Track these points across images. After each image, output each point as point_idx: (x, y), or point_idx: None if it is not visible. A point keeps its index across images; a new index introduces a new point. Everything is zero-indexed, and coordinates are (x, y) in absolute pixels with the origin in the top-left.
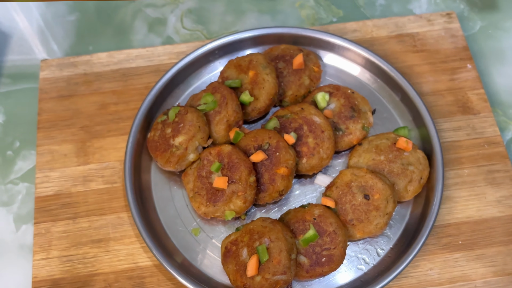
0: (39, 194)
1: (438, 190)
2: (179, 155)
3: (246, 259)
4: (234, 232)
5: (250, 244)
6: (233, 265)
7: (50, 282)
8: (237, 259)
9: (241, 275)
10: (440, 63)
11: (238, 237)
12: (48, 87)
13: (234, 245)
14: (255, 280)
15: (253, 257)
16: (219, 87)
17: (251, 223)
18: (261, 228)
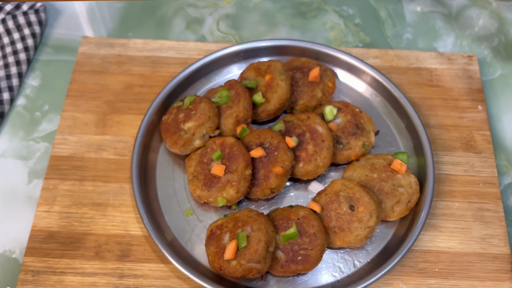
0: (54, 154)
1: (423, 216)
2: (185, 139)
3: (226, 243)
4: (222, 218)
5: (233, 230)
6: (214, 247)
7: (46, 233)
8: (219, 242)
9: (219, 257)
10: (452, 100)
11: (224, 222)
12: (84, 61)
13: (219, 229)
14: (230, 264)
15: (232, 242)
16: (235, 84)
17: (238, 212)
18: (246, 217)
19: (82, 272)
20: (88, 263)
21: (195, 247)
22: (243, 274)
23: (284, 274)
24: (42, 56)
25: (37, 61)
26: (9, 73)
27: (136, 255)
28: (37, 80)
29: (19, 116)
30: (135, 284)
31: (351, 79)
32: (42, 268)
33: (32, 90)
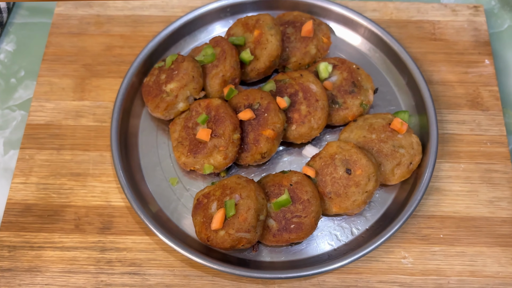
0: (30, 122)
1: (425, 179)
2: (168, 101)
3: (214, 213)
4: (209, 186)
5: (221, 198)
6: (201, 217)
7: (23, 205)
8: (206, 212)
9: (206, 227)
10: (456, 54)
11: (211, 190)
12: (60, 23)
13: (206, 198)
14: (218, 234)
15: (219, 211)
16: (221, 41)
17: (226, 179)
18: (235, 184)
19: (62, 246)
20: (68, 237)
21: (181, 217)
22: (232, 244)
23: (276, 244)
24: (16, 19)
25: (11, 25)
26: None
27: (119, 227)
28: (12, 45)
29: None
30: (118, 258)
31: (348, 33)
32: (19, 243)
33: (6, 55)
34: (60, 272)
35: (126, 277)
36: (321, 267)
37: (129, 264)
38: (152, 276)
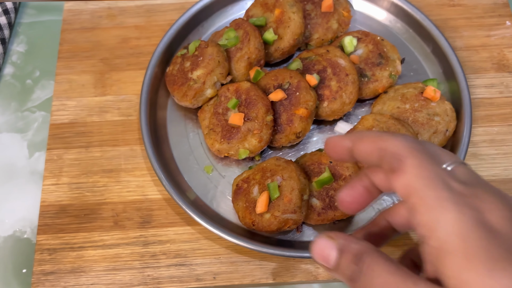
0: (54, 121)
1: (464, 144)
2: (196, 89)
3: (256, 197)
4: (247, 170)
5: (261, 181)
6: (243, 202)
7: (58, 207)
8: (247, 197)
9: (250, 212)
10: (477, 18)
11: (250, 175)
12: (71, 19)
13: (246, 182)
14: (264, 218)
15: (263, 194)
16: (243, 23)
17: (264, 162)
18: (274, 166)
19: (103, 244)
20: (108, 234)
21: (220, 204)
22: (278, 226)
23: (321, 223)
24: (24, 19)
25: (19, 25)
26: None
27: (159, 220)
28: (23, 45)
29: (9, 86)
30: (162, 251)
31: (366, 6)
32: (59, 245)
33: (19, 56)
34: (104, 270)
35: (173, 269)
36: None
37: (174, 256)
38: (199, 265)
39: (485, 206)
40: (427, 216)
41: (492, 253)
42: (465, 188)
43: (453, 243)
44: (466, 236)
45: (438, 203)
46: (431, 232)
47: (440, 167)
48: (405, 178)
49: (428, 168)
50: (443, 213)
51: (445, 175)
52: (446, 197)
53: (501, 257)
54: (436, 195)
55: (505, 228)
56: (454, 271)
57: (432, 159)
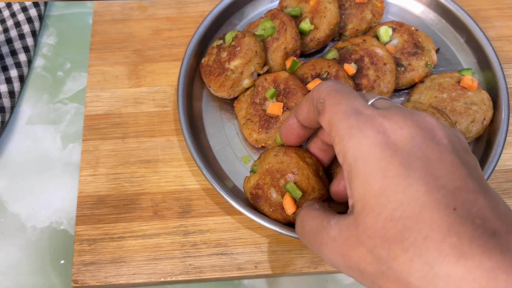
0: (88, 113)
1: (502, 133)
2: (234, 79)
3: (278, 199)
4: (251, 175)
5: (274, 184)
6: (268, 207)
7: (95, 198)
8: (269, 201)
9: (280, 213)
10: (508, 9)
11: (258, 180)
12: (102, 10)
13: (259, 189)
14: (297, 213)
15: (285, 197)
16: (279, 13)
17: (264, 161)
18: (278, 164)
19: (143, 234)
20: (148, 224)
21: None
22: None
23: None
24: (53, 12)
25: (49, 17)
26: (22, 32)
27: (198, 209)
28: (53, 38)
29: (40, 78)
30: (203, 240)
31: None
32: (98, 235)
33: (49, 48)
34: (145, 260)
35: (214, 258)
36: None
37: (215, 245)
38: (240, 254)
39: (392, 126)
40: (340, 145)
41: (388, 173)
42: (377, 113)
43: (358, 167)
44: (367, 158)
45: (347, 132)
46: (344, 159)
47: (356, 101)
48: (326, 116)
49: (343, 103)
50: (350, 140)
51: (360, 106)
52: (354, 125)
53: (396, 174)
54: (346, 125)
55: (407, 145)
56: (358, 194)
57: (350, 95)
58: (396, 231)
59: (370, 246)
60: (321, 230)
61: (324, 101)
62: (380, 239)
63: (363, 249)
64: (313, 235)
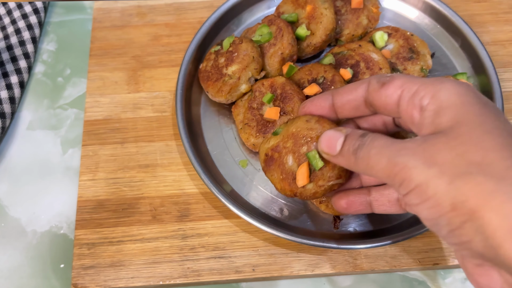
0: (88, 118)
1: None
2: (231, 84)
3: (292, 167)
4: (272, 136)
5: (295, 150)
6: (278, 173)
7: (95, 202)
8: (282, 167)
9: (289, 183)
10: (503, 14)
11: (279, 142)
12: (102, 17)
13: (276, 151)
14: (306, 188)
15: (303, 166)
16: (275, 19)
17: (292, 124)
18: (306, 131)
19: (142, 238)
20: (147, 228)
21: (257, 197)
22: (324, 193)
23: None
24: (53, 18)
25: (49, 24)
26: (22, 39)
27: (196, 213)
28: (53, 44)
29: (41, 84)
30: (201, 244)
31: (394, 2)
32: (97, 239)
33: (49, 55)
34: (144, 264)
35: (212, 261)
36: (405, 233)
37: (213, 249)
38: (238, 258)
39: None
40: (429, 87)
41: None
42: None
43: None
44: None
45: (434, 80)
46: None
47: None
48: (397, 81)
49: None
50: (442, 83)
51: None
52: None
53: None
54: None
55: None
56: (452, 104)
57: None
58: (495, 143)
59: (461, 151)
60: (399, 141)
61: (392, 76)
62: (475, 147)
63: (451, 152)
64: (386, 145)
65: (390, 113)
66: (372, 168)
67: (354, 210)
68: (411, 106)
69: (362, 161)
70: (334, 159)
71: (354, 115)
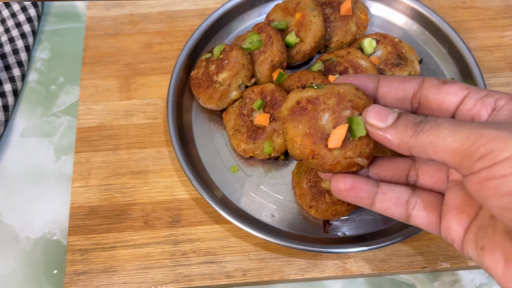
0: (81, 125)
1: None
2: (222, 91)
3: (326, 125)
4: (311, 88)
5: (337, 110)
6: (305, 126)
7: (88, 208)
8: (313, 122)
9: (313, 141)
10: (490, 20)
11: (320, 96)
12: (94, 25)
13: (312, 103)
14: (332, 153)
15: (341, 127)
16: (265, 27)
17: (339, 86)
18: (355, 97)
19: (134, 244)
20: (138, 234)
21: (247, 203)
22: (342, 168)
23: (350, 208)
24: (47, 27)
25: (42, 32)
26: (16, 47)
27: (188, 219)
28: (46, 52)
29: (34, 92)
30: (192, 249)
31: (383, 9)
32: (90, 245)
33: (42, 63)
34: (136, 269)
35: (203, 266)
36: (394, 237)
37: (204, 254)
38: (229, 262)
39: None
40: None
41: None
42: None
43: None
44: None
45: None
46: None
47: None
48: (460, 84)
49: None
50: None
51: None
52: None
53: None
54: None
55: None
56: None
57: None
58: None
59: None
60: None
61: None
62: None
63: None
64: (460, 122)
65: (439, 111)
66: (440, 142)
67: (354, 196)
68: (480, 105)
69: (427, 135)
70: (381, 132)
71: (395, 106)
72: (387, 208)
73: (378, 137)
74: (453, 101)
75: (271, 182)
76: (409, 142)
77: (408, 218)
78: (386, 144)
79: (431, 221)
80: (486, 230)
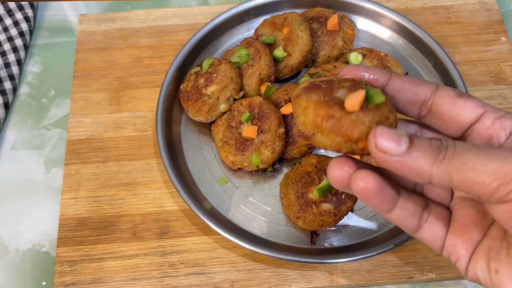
0: (71, 138)
1: None
2: (210, 104)
3: (342, 97)
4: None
5: (352, 88)
6: (320, 96)
7: (77, 220)
8: (329, 93)
9: (329, 106)
10: (474, 35)
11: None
12: (85, 39)
13: (327, 84)
14: (348, 117)
15: (360, 92)
16: (253, 41)
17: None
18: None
19: (122, 255)
20: (127, 245)
21: (236, 214)
22: (360, 134)
23: (340, 219)
24: (39, 41)
25: (34, 46)
26: (7, 61)
27: (176, 230)
28: (38, 66)
29: (25, 105)
30: (180, 260)
31: (369, 24)
32: (78, 257)
33: (34, 76)
34: (124, 280)
35: (191, 277)
36: (380, 247)
37: (192, 265)
38: (217, 273)
39: None
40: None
41: None
42: None
43: None
44: None
45: None
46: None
47: None
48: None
49: None
50: None
51: None
52: None
53: None
54: None
55: None
56: None
57: None
58: None
59: None
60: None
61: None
62: None
63: None
64: (485, 147)
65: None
66: (468, 172)
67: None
68: (499, 126)
69: (452, 164)
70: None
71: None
72: (404, 216)
73: (394, 165)
74: (469, 117)
75: (259, 194)
76: (432, 171)
77: (417, 230)
78: (401, 173)
79: (438, 236)
80: (499, 252)
